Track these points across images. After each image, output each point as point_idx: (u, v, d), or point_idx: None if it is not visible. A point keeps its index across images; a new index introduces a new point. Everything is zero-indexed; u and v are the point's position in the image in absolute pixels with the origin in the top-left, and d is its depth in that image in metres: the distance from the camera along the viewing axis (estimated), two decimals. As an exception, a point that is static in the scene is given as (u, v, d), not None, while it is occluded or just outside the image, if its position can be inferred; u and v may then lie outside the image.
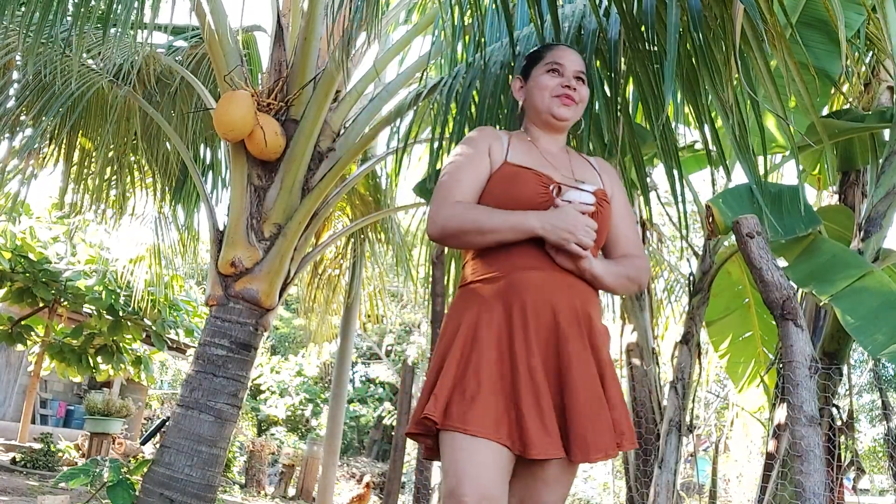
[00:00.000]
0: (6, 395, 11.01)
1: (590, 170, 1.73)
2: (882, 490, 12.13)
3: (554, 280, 1.52)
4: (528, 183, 1.58)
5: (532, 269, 1.52)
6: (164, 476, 3.19)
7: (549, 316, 1.48)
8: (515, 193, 1.57)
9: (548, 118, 1.69)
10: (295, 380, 16.31)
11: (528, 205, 1.54)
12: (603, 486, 12.54)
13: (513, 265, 1.53)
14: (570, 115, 1.70)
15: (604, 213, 1.61)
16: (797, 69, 2.00)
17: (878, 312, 2.26)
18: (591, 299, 1.57)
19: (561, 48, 1.76)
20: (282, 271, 3.54)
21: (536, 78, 1.72)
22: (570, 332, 1.48)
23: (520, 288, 1.51)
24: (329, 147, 3.75)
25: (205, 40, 3.72)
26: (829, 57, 3.18)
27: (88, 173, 4.92)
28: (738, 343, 4.38)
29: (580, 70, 1.72)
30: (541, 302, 1.49)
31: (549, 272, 1.52)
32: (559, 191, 1.56)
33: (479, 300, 1.54)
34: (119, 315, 8.15)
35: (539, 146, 1.70)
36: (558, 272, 1.52)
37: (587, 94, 1.73)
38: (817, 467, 2.05)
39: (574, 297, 1.52)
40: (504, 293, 1.51)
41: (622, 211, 1.72)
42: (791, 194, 2.82)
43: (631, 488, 4.19)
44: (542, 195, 1.56)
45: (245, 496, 8.78)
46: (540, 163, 1.65)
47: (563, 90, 1.68)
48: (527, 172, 1.60)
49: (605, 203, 1.63)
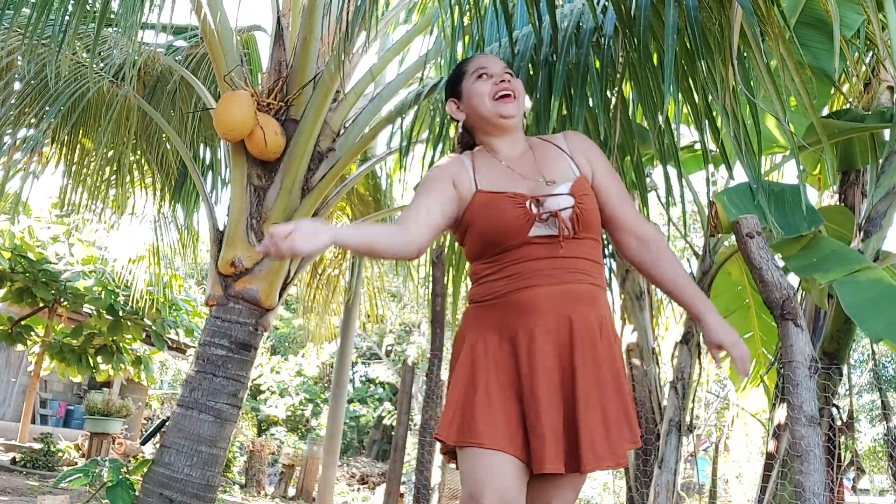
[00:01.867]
0: (6, 395, 11.01)
1: (558, 159, 1.65)
2: (882, 490, 12.13)
3: (560, 294, 1.51)
4: (505, 209, 1.55)
5: (534, 286, 1.52)
6: (164, 476, 3.19)
7: (564, 331, 1.49)
8: (497, 223, 1.55)
9: (496, 120, 1.66)
10: (295, 380, 16.31)
11: (512, 229, 1.53)
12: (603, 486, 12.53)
13: (516, 284, 1.53)
14: (514, 110, 1.66)
15: (588, 205, 1.57)
16: (796, 69, 2.00)
17: (877, 301, 2.25)
18: (597, 302, 1.55)
19: (479, 56, 1.77)
20: (282, 271, 3.54)
21: (469, 89, 1.69)
22: (578, 342, 1.48)
23: (525, 307, 1.52)
24: (329, 147, 3.75)
25: (204, 40, 3.72)
26: (829, 57, 3.18)
27: (88, 173, 4.92)
28: (739, 344, 4.37)
29: (504, 69, 1.70)
30: (552, 318, 1.50)
31: (554, 287, 1.51)
32: (538, 204, 1.53)
33: (483, 323, 1.57)
34: (119, 315, 8.15)
35: (501, 156, 1.66)
36: (563, 284, 1.51)
37: (521, 86, 1.71)
38: (817, 467, 2.05)
39: (581, 307, 1.52)
40: (506, 314, 1.53)
41: (610, 182, 1.66)
42: (793, 193, 2.82)
43: (631, 488, 4.19)
44: (523, 217, 1.53)
45: (245, 496, 8.78)
46: (508, 178, 1.61)
47: (499, 87, 1.66)
48: (499, 197, 1.57)
49: (585, 195, 1.57)
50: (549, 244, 1.53)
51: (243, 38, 4.79)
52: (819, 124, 2.42)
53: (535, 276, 1.52)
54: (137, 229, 5.90)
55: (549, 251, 1.53)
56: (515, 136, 1.69)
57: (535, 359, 1.47)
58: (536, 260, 1.53)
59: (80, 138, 4.78)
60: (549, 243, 1.53)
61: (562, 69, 2.45)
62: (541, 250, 1.54)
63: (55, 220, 8.35)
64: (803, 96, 2.09)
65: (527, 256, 1.54)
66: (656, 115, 2.42)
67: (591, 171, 1.65)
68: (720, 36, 2.17)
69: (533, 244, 1.54)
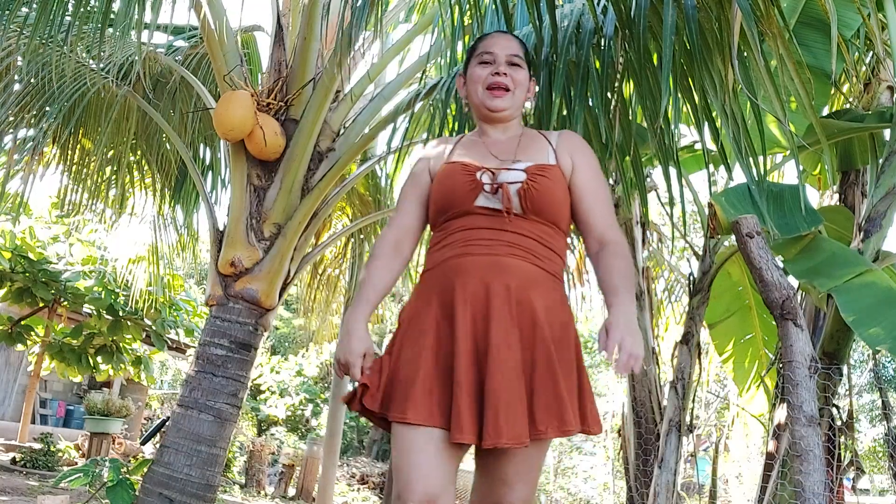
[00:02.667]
0: (6, 395, 11.01)
1: (540, 148, 1.65)
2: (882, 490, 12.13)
3: (488, 264, 1.49)
4: (455, 176, 1.58)
5: (466, 255, 1.52)
6: (164, 476, 3.19)
7: (481, 300, 1.46)
8: (445, 189, 1.59)
9: (484, 112, 1.68)
10: (295, 380, 16.30)
11: (458, 196, 1.56)
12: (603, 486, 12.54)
13: (451, 252, 1.54)
14: (504, 104, 1.65)
15: (541, 185, 1.54)
16: (796, 69, 2.00)
17: (877, 307, 2.24)
18: (535, 281, 1.50)
19: (492, 36, 1.73)
20: (282, 271, 3.54)
21: (470, 72, 1.71)
22: (498, 315, 1.44)
23: (453, 274, 1.51)
24: (329, 147, 3.75)
25: (204, 40, 3.72)
26: (829, 57, 3.18)
27: (88, 173, 4.92)
28: (741, 345, 4.38)
29: (513, 54, 1.67)
30: (472, 286, 1.47)
31: (484, 257, 1.50)
32: (494, 176, 1.54)
33: (421, 289, 1.58)
34: (119, 315, 8.15)
35: (487, 139, 1.68)
36: (494, 256, 1.49)
37: (524, 77, 1.68)
38: (817, 467, 2.05)
39: (509, 279, 1.47)
40: (440, 280, 1.53)
41: (589, 183, 1.63)
42: (792, 193, 2.82)
43: (631, 488, 4.19)
44: (468, 183, 1.55)
45: (245, 496, 8.78)
46: (480, 155, 1.62)
47: (493, 79, 1.65)
48: (455, 166, 1.61)
49: (540, 176, 1.55)
50: (494, 216, 1.53)
51: (243, 38, 4.79)
52: (818, 124, 2.42)
53: (473, 245, 1.52)
54: (137, 229, 5.90)
55: (491, 223, 1.53)
56: (507, 126, 1.70)
57: (456, 326, 1.45)
58: (478, 230, 1.53)
59: (80, 138, 4.78)
60: (494, 216, 1.53)
61: (562, 69, 2.45)
62: (483, 221, 1.54)
63: (55, 220, 8.35)
64: (803, 96, 2.09)
65: (469, 225, 1.54)
66: (656, 115, 2.42)
67: (570, 167, 1.62)
68: (719, 36, 2.17)
69: (477, 214, 1.54)
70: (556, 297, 1.53)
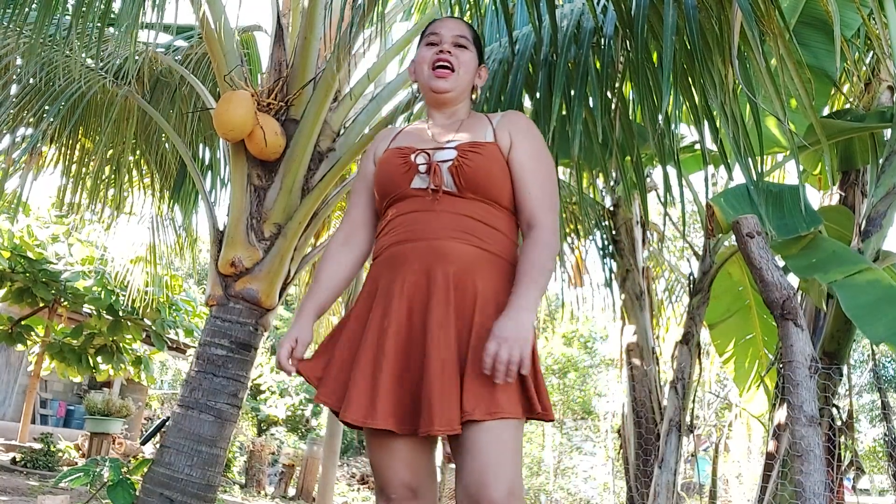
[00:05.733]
0: (6, 395, 11.01)
1: (480, 127, 1.62)
2: (882, 490, 12.13)
3: (426, 249, 1.47)
4: (391, 161, 1.59)
5: (405, 241, 1.51)
6: (164, 476, 3.19)
7: (421, 289, 1.45)
8: (382, 174, 1.61)
9: (429, 94, 1.67)
10: (295, 380, 16.30)
11: (394, 180, 1.57)
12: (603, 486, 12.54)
13: (391, 239, 1.54)
14: (447, 85, 1.63)
15: (473, 161, 1.51)
16: (796, 69, 2.00)
17: (878, 304, 2.24)
18: (476, 265, 1.47)
19: (440, 19, 1.73)
20: (282, 271, 3.54)
21: (417, 54, 1.71)
22: (436, 302, 1.43)
23: (394, 263, 1.51)
24: (329, 147, 3.75)
25: (204, 40, 3.72)
26: (830, 57, 3.18)
27: (87, 173, 4.92)
28: (741, 345, 4.38)
29: (458, 35, 1.66)
30: (412, 276, 1.47)
31: (422, 242, 1.48)
32: (429, 157, 1.54)
33: (367, 278, 1.59)
34: (119, 315, 8.15)
35: (431, 124, 1.67)
36: (432, 240, 1.48)
37: (469, 58, 1.66)
38: (817, 467, 2.05)
39: (448, 265, 1.45)
40: (381, 269, 1.54)
41: (525, 161, 1.57)
42: (792, 194, 2.82)
43: (631, 488, 4.19)
44: (403, 166, 1.56)
45: (245, 496, 8.78)
46: (419, 139, 1.62)
47: (437, 57, 1.64)
48: (392, 151, 1.62)
49: (472, 152, 1.52)
50: (424, 198, 1.52)
51: (243, 38, 4.79)
52: (818, 124, 2.42)
53: (410, 230, 1.51)
54: (136, 230, 5.91)
55: (428, 205, 1.51)
56: (454, 109, 1.68)
57: (390, 316, 1.45)
58: (415, 213, 1.52)
59: (80, 138, 4.78)
60: (424, 197, 1.52)
61: (562, 69, 2.45)
62: (420, 203, 1.53)
63: (55, 219, 8.35)
64: (803, 96, 2.09)
65: (407, 209, 1.54)
66: (656, 115, 2.42)
67: (508, 144, 1.58)
68: (720, 36, 2.17)
69: (412, 197, 1.54)
70: (501, 280, 1.49)
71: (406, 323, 1.44)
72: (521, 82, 2.56)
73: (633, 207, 4.72)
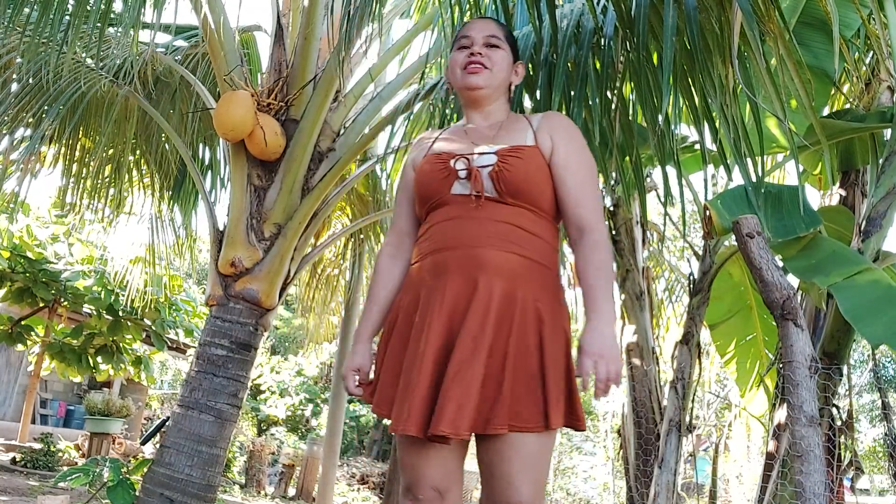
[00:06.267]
0: (6, 395, 11.01)
1: (520, 130, 1.60)
2: (882, 490, 12.14)
3: (465, 258, 1.46)
4: (430, 167, 1.58)
5: (444, 248, 1.50)
6: (164, 476, 3.19)
7: (459, 296, 1.45)
8: (422, 181, 1.60)
9: (463, 92, 1.66)
10: (295, 380, 16.30)
11: (434, 186, 1.56)
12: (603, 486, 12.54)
13: (431, 246, 1.53)
14: (481, 81, 1.62)
15: (514, 166, 1.49)
16: (796, 69, 2.00)
17: (877, 304, 2.24)
18: (516, 274, 1.45)
19: (470, 22, 1.73)
20: (282, 271, 3.54)
21: (450, 58, 1.71)
22: (473, 311, 1.41)
23: (434, 271, 1.50)
24: (329, 147, 3.75)
25: (204, 40, 3.72)
26: (830, 57, 3.18)
27: (87, 173, 4.92)
28: (742, 346, 4.37)
29: (489, 35, 1.66)
30: (452, 285, 1.46)
31: (461, 250, 1.47)
32: (468, 162, 1.53)
33: (406, 283, 1.59)
34: (119, 315, 8.15)
35: (469, 127, 1.66)
36: (472, 248, 1.46)
37: (501, 57, 1.65)
38: (817, 467, 2.05)
39: (489, 275, 1.44)
40: (422, 276, 1.53)
41: (569, 163, 1.54)
42: (791, 194, 2.82)
43: (631, 488, 4.19)
44: (442, 171, 1.55)
45: (245, 496, 8.78)
46: (459, 143, 1.61)
47: (469, 58, 1.63)
48: (430, 157, 1.61)
49: (512, 157, 1.50)
50: (466, 204, 1.51)
51: (243, 38, 4.79)
52: (818, 124, 2.42)
53: (451, 237, 1.49)
54: (136, 229, 5.92)
55: (469, 211, 1.50)
56: (490, 107, 1.66)
57: (431, 325, 1.44)
58: (456, 219, 1.50)
59: (80, 138, 4.78)
60: (466, 203, 1.51)
61: (561, 69, 2.45)
62: (460, 210, 1.51)
63: (55, 219, 8.35)
64: (803, 96, 2.09)
65: (448, 216, 1.52)
66: (656, 115, 2.42)
67: (549, 147, 1.55)
68: (720, 36, 2.17)
69: (453, 203, 1.52)
70: (540, 288, 1.47)
71: (444, 332, 1.44)
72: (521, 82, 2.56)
73: (632, 207, 4.72)
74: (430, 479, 1.46)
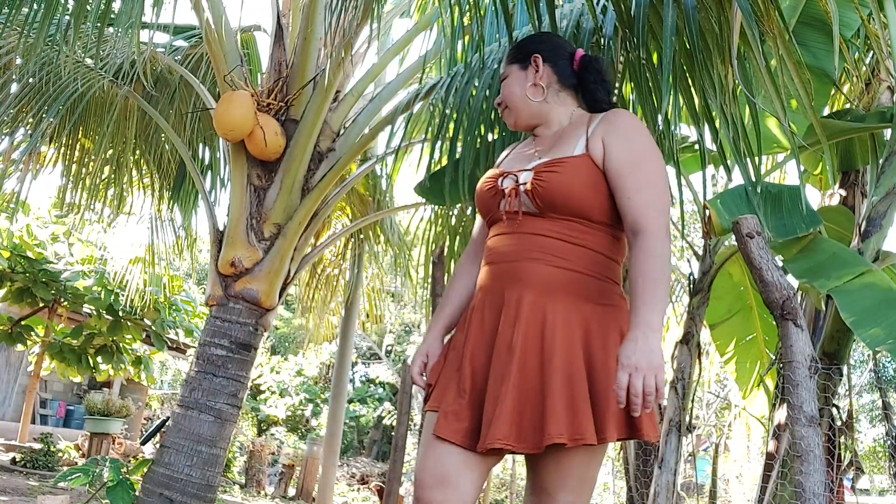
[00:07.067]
0: (6, 395, 11.01)
1: (574, 137, 1.56)
2: (882, 490, 12.13)
3: (505, 272, 1.51)
4: (484, 184, 1.64)
5: (491, 263, 1.56)
6: (164, 476, 3.19)
7: (493, 309, 1.50)
8: (477, 198, 1.68)
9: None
10: (295, 380, 16.31)
11: (485, 204, 1.62)
12: (603, 487, 12.53)
13: (485, 260, 1.60)
14: (510, 121, 1.70)
15: (549, 181, 1.48)
16: (796, 69, 1.99)
17: (877, 308, 2.24)
18: (552, 285, 1.45)
19: None
20: (282, 271, 3.54)
21: None
22: (505, 324, 1.45)
23: (481, 284, 1.57)
24: (329, 147, 3.75)
25: (204, 40, 3.72)
26: (830, 57, 3.18)
27: (87, 172, 4.92)
28: (743, 346, 4.37)
29: (502, 75, 1.72)
30: (490, 298, 1.52)
31: (503, 264, 1.52)
32: (516, 179, 1.55)
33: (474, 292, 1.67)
34: (119, 315, 8.15)
35: (536, 138, 1.69)
36: (512, 262, 1.50)
37: (508, 84, 1.67)
38: (817, 467, 2.04)
39: (522, 288, 1.45)
40: (476, 290, 1.60)
41: (620, 165, 1.48)
42: (791, 194, 2.82)
43: (631, 488, 4.19)
44: (491, 191, 1.60)
45: (245, 496, 8.78)
46: (518, 158, 1.66)
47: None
48: (487, 175, 1.67)
49: (548, 171, 1.49)
50: (512, 220, 1.54)
51: (243, 38, 4.79)
52: (818, 125, 2.42)
53: (497, 253, 1.55)
54: (135, 230, 5.90)
55: (510, 227, 1.54)
56: (543, 124, 1.66)
57: (470, 339, 1.51)
58: (503, 235, 1.55)
59: (79, 138, 4.78)
60: (512, 219, 1.54)
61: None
62: (507, 226, 1.55)
63: (55, 219, 8.35)
64: (803, 96, 2.09)
65: (496, 232, 1.58)
66: (655, 115, 2.42)
67: (601, 153, 1.50)
68: (719, 36, 2.17)
69: (502, 220, 1.57)
70: (579, 298, 1.45)
71: (482, 344, 1.49)
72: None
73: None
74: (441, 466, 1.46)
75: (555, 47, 1.68)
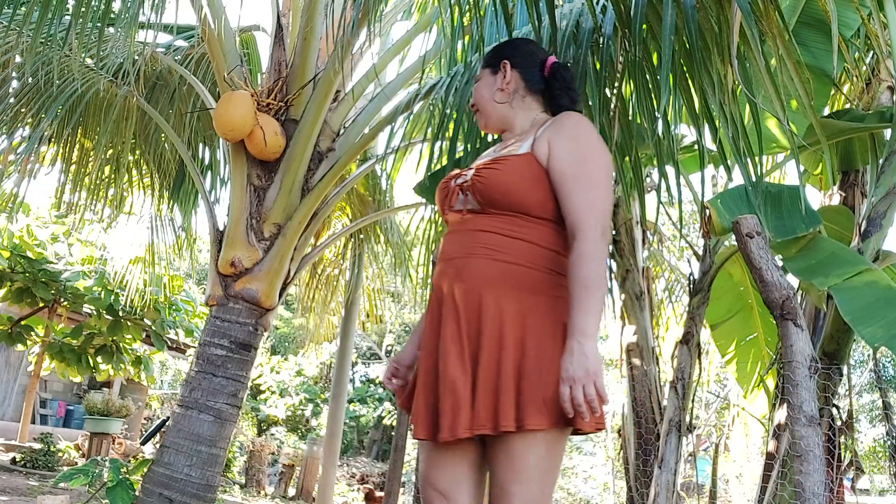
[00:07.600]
0: (6, 395, 11.01)
1: (524, 139, 1.60)
2: (882, 490, 12.13)
3: (449, 268, 1.56)
4: (439, 185, 1.72)
5: (440, 260, 1.61)
6: (164, 476, 3.19)
7: (438, 304, 1.55)
8: (436, 200, 1.74)
9: None
10: (295, 380, 16.30)
11: (440, 203, 1.70)
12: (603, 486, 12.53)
13: (439, 256, 1.65)
14: (481, 123, 1.78)
15: (488, 178, 1.52)
16: (795, 69, 1.99)
17: (876, 306, 2.24)
18: (489, 278, 1.47)
19: None
20: (282, 271, 3.54)
21: None
22: (446, 319, 1.50)
23: (432, 283, 1.64)
24: (329, 147, 3.75)
25: (204, 40, 3.72)
26: (829, 57, 3.18)
27: (87, 172, 4.91)
28: (743, 346, 4.37)
29: (475, 77, 1.79)
30: (437, 292, 1.57)
31: (449, 261, 1.57)
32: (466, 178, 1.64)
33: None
34: (119, 315, 8.15)
35: (501, 142, 1.77)
36: (455, 259, 1.55)
37: (478, 88, 1.75)
38: (817, 467, 2.04)
39: (461, 282, 1.50)
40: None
41: (564, 167, 1.51)
42: (791, 194, 2.82)
43: (631, 488, 4.19)
44: (443, 190, 1.68)
45: (245, 496, 8.78)
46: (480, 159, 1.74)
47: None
48: (445, 177, 1.74)
49: (489, 169, 1.54)
50: (459, 218, 1.61)
51: (243, 38, 4.79)
52: (818, 124, 2.42)
53: (445, 249, 1.60)
54: (135, 230, 5.90)
55: (458, 225, 1.60)
56: (509, 126, 1.72)
57: (425, 336, 1.57)
58: (452, 232, 1.62)
59: (79, 138, 4.78)
60: (460, 218, 1.61)
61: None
62: (454, 224, 1.63)
63: (55, 219, 8.35)
64: (803, 96, 2.09)
65: (448, 230, 1.65)
66: (655, 115, 2.42)
67: (545, 153, 1.53)
68: (719, 36, 2.17)
69: (454, 218, 1.64)
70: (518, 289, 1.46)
71: (434, 339, 1.53)
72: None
73: (632, 207, 4.71)
74: (432, 479, 1.54)
75: (526, 53, 1.73)
